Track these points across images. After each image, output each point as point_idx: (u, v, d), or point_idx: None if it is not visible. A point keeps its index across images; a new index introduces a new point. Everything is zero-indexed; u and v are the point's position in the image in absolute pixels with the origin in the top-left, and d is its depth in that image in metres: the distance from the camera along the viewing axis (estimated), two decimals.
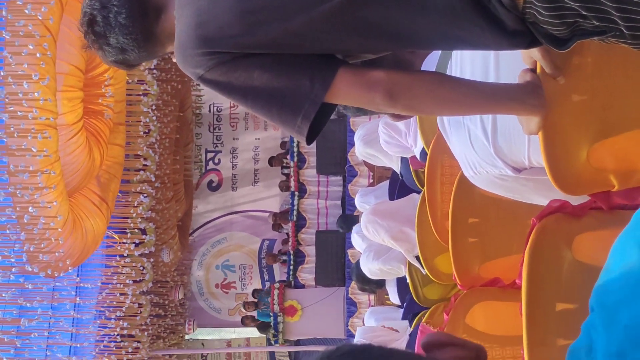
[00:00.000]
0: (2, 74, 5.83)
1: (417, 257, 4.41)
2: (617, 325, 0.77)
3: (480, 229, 3.08)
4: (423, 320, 4.31)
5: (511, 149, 2.00)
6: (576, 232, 2.06)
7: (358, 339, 5.42)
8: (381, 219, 4.69)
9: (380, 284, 6.36)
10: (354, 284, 8.64)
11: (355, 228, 6.33)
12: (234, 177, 12.68)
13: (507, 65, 1.95)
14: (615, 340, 0.77)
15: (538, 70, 1.77)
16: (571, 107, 1.83)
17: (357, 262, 6.08)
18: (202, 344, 12.56)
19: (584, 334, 0.84)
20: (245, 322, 11.54)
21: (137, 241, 8.62)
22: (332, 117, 1.83)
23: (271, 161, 12.05)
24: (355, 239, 6.22)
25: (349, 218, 9.80)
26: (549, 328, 2.00)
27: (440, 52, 2.29)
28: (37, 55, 5.73)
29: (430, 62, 2.21)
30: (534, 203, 2.22)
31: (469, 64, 2.09)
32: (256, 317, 11.31)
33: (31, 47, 5.72)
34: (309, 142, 1.64)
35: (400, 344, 5.08)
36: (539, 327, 2.00)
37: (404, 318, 5.45)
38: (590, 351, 0.81)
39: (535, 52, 1.73)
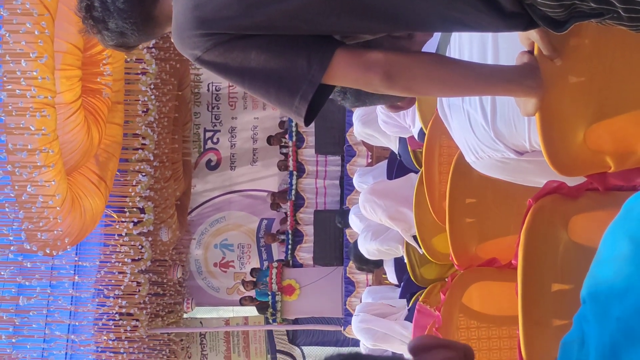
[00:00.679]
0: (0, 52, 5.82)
1: (414, 237, 4.43)
2: (609, 317, 0.77)
3: (478, 209, 3.09)
4: (420, 300, 4.34)
5: (511, 133, 2.00)
6: (572, 213, 2.07)
7: (357, 314, 5.45)
8: (379, 198, 4.70)
9: (378, 263, 6.37)
10: (351, 264, 8.66)
11: (353, 209, 6.33)
12: (233, 156, 12.66)
13: (505, 47, 1.95)
14: (607, 333, 0.76)
15: (535, 51, 1.76)
16: (568, 88, 1.83)
17: (355, 242, 6.09)
18: (201, 322, 12.60)
19: (575, 327, 0.83)
20: (243, 302, 11.57)
21: (135, 220, 8.65)
22: (331, 97, 1.82)
23: (270, 140, 12.02)
24: (352, 219, 6.22)
25: (347, 214, 9.80)
26: (545, 308, 2.02)
27: (439, 35, 2.28)
28: (35, 33, 5.71)
29: (430, 45, 2.21)
30: (537, 186, 2.22)
31: (467, 46, 2.09)
32: (254, 297, 11.34)
33: (29, 25, 5.70)
34: (307, 123, 1.62)
35: (399, 317, 5.13)
36: (534, 307, 2.01)
37: (401, 297, 5.47)
38: (583, 344, 0.80)
39: (533, 34, 1.72)
